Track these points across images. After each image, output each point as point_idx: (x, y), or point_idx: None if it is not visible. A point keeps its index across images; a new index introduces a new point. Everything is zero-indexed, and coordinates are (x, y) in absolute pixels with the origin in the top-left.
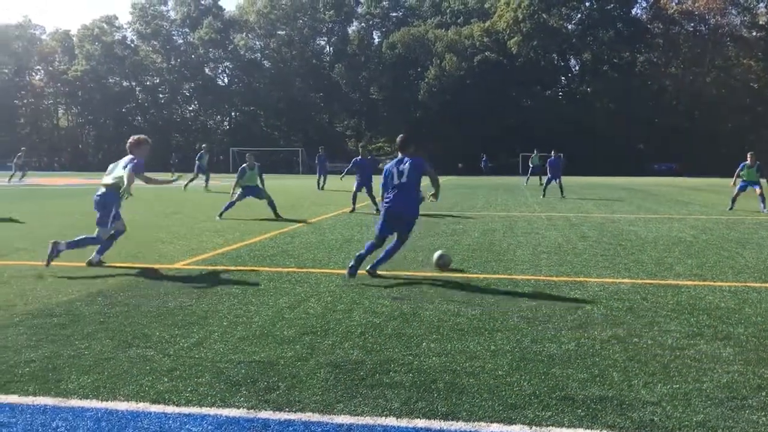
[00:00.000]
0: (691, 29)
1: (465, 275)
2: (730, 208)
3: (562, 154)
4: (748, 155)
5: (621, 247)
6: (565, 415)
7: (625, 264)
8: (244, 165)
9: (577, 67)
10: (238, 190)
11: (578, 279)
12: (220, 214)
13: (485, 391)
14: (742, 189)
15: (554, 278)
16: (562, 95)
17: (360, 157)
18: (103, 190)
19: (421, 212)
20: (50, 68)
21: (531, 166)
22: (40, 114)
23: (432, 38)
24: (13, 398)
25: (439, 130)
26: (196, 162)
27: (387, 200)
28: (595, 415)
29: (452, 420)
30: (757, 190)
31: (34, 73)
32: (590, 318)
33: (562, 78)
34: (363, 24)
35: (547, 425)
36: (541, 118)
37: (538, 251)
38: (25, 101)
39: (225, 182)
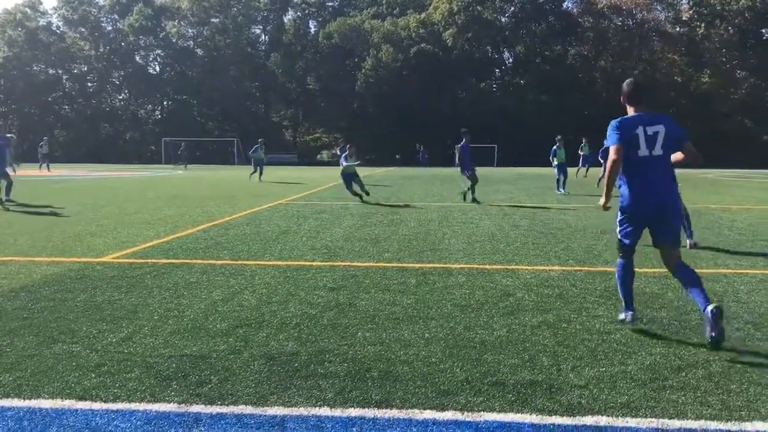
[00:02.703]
0: (620, 23)
1: (401, 264)
2: None
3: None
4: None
5: (551, 236)
6: (496, 400)
7: (555, 252)
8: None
9: (510, 60)
10: None
11: (510, 267)
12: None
13: (419, 378)
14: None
15: (487, 266)
16: (496, 87)
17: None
18: None
19: (356, 202)
20: None
21: (581, 155)
22: None
23: (368, 29)
24: None
25: (376, 121)
26: (251, 155)
27: (636, 188)
28: (525, 399)
29: (386, 408)
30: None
31: None
32: (521, 305)
33: (496, 70)
34: (299, 13)
35: (479, 410)
36: (475, 109)
37: (472, 240)
38: None
39: (158, 173)
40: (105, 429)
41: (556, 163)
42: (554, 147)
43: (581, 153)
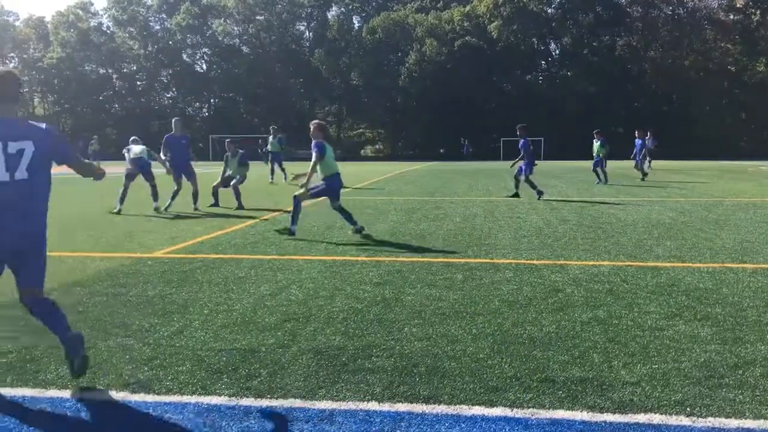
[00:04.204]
0: (670, 12)
1: (447, 260)
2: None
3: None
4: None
5: (601, 230)
6: (546, 396)
7: (605, 247)
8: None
9: (557, 52)
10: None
11: (559, 262)
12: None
13: (467, 374)
14: None
15: (535, 262)
16: (542, 79)
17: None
18: None
19: (401, 197)
20: (25, 56)
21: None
22: None
23: (412, 23)
24: None
25: (420, 115)
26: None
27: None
28: (575, 396)
29: (434, 403)
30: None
31: (8, 61)
32: (571, 300)
33: (542, 62)
34: (342, 9)
35: (528, 407)
36: (521, 102)
37: (519, 235)
38: None
39: (206, 170)
40: (158, 421)
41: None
42: (594, 141)
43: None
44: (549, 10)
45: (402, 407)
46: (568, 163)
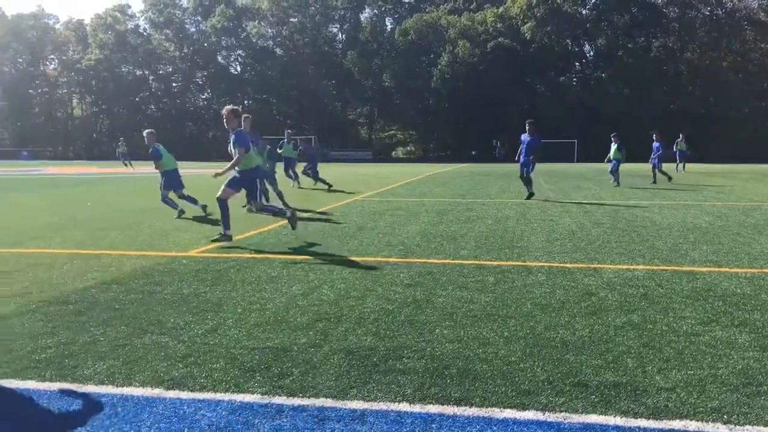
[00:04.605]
0: (708, 13)
1: (478, 262)
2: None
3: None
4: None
5: (635, 234)
6: (579, 401)
7: (639, 250)
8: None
9: (591, 53)
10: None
11: (592, 265)
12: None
13: (498, 377)
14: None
15: (568, 265)
16: (576, 81)
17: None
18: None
19: (432, 199)
20: (64, 57)
21: (677, 151)
22: (54, 103)
23: (445, 24)
24: (30, 384)
25: (452, 117)
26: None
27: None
28: (608, 401)
29: (465, 405)
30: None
31: (48, 63)
32: (604, 304)
33: (576, 63)
34: (375, 11)
35: (561, 411)
36: (554, 103)
37: (551, 238)
38: (39, 90)
39: None
40: (192, 418)
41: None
42: (612, 143)
43: (677, 149)
44: (583, 11)
45: (433, 409)
46: (602, 165)
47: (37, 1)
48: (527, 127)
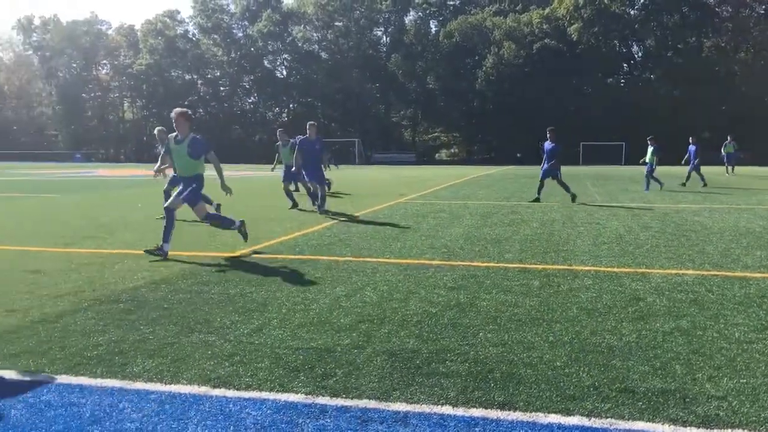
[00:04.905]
0: (763, 12)
1: (523, 265)
2: None
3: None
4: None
5: (685, 238)
6: (626, 407)
7: (689, 255)
8: (277, 143)
9: (639, 53)
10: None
11: (640, 270)
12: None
13: (543, 381)
14: None
15: (615, 269)
16: (624, 82)
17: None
18: None
19: (476, 202)
20: (116, 62)
21: (724, 154)
22: (106, 107)
23: (490, 26)
24: (82, 380)
25: (497, 119)
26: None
27: None
28: (656, 408)
29: (509, 410)
30: None
31: (100, 68)
32: (652, 310)
33: (624, 64)
34: (420, 13)
35: (607, 417)
36: (602, 105)
37: (598, 242)
38: (92, 95)
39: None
40: (238, 416)
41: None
42: (648, 146)
43: (724, 152)
44: (632, 12)
45: (476, 412)
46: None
47: (91, 8)
48: (548, 135)
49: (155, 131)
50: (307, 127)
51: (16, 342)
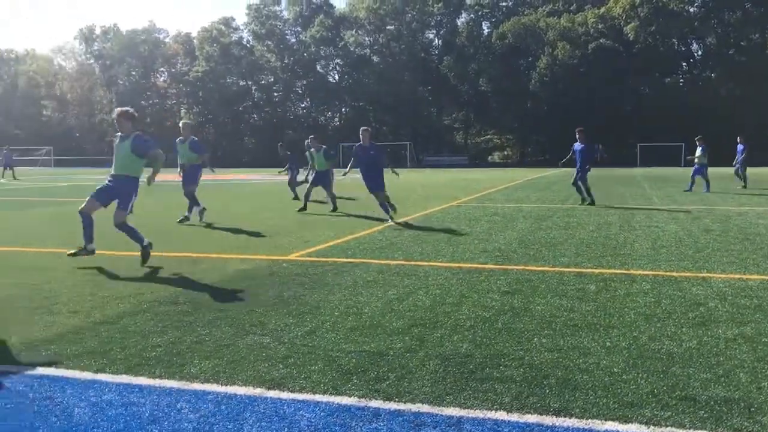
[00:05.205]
0: None
1: (579, 269)
2: None
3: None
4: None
5: (749, 242)
6: (686, 415)
7: (753, 259)
8: (311, 149)
9: (699, 52)
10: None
11: (701, 274)
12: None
13: (599, 388)
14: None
15: (674, 273)
16: (684, 82)
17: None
18: None
19: (530, 205)
20: (173, 70)
21: None
22: (164, 113)
23: (543, 27)
24: (142, 380)
25: (551, 120)
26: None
27: None
28: (719, 417)
29: (565, 416)
30: None
31: (158, 75)
32: (714, 315)
33: (683, 63)
34: (472, 15)
35: (667, 425)
36: (660, 105)
37: (657, 245)
38: (150, 102)
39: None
40: (292, 418)
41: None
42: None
43: None
44: (691, 9)
45: (531, 418)
46: (712, 169)
47: (149, 17)
48: (578, 136)
49: (180, 124)
50: (361, 132)
51: (78, 342)
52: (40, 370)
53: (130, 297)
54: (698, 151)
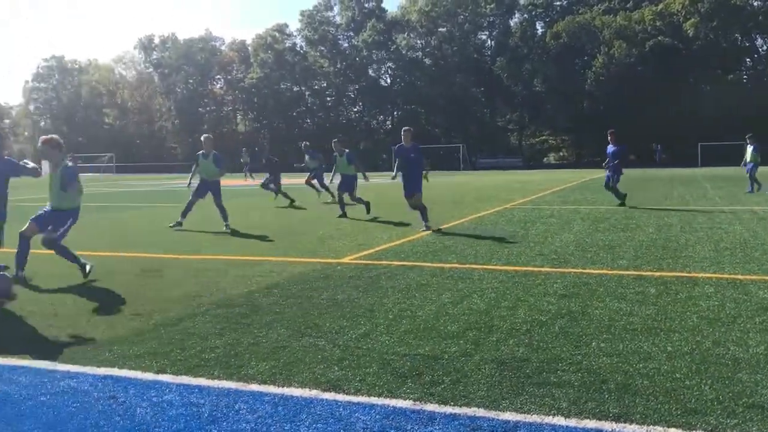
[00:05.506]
0: None
1: (638, 272)
2: None
3: None
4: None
5: None
6: (754, 423)
7: None
8: (334, 153)
9: (764, 47)
10: (336, 181)
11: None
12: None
13: (661, 393)
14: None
15: (739, 276)
16: (747, 78)
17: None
18: None
19: (587, 206)
20: (229, 77)
21: None
22: (221, 120)
23: (599, 25)
24: (201, 381)
25: (608, 120)
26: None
27: None
28: None
29: (624, 422)
30: None
31: (215, 82)
32: None
33: (747, 59)
34: (525, 15)
35: None
36: (722, 104)
37: (720, 247)
38: (207, 108)
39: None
40: (348, 420)
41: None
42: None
43: None
44: (755, 3)
45: (590, 424)
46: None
47: (205, 25)
48: (609, 138)
49: (202, 138)
50: (402, 132)
51: (140, 344)
52: (104, 370)
53: (189, 299)
54: (749, 150)
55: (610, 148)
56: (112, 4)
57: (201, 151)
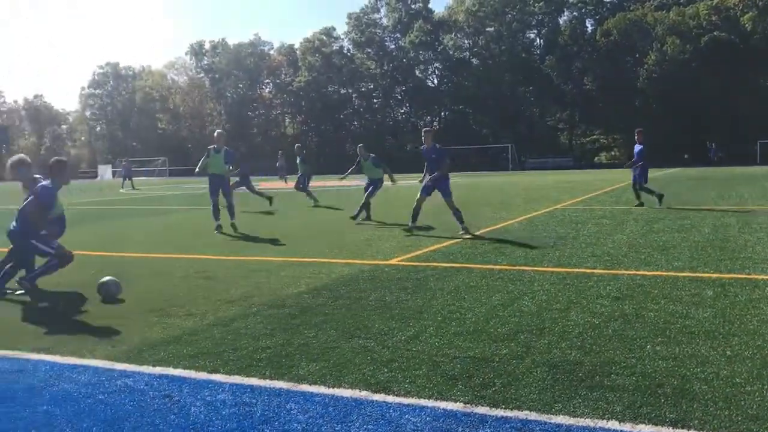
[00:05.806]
0: None
1: (694, 274)
2: None
3: None
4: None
5: None
6: None
7: None
8: (359, 158)
9: None
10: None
11: None
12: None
13: (720, 399)
14: None
15: None
16: None
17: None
18: None
19: (649, 207)
20: (277, 81)
21: None
22: (269, 123)
23: (651, 21)
24: (253, 381)
25: (661, 118)
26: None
27: None
28: None
29: (682, 428)
30: None
31: (263, 86)
32: None
33: None
34: (575, 13)
35: None
36: None
37: None
38: (256, 112)
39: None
40: (398, 422)
41: None
42: None
43: None
44: None
45: (646, 429)
46: None
47: (254, 30)
48: (637, 137)
49: (215, 133)
50: (423, 133)
51: (194, 344)
52: (160, 370)
53: (240, 300)
54: None
55: (637, 147)
56: (165, 12)
57: (213, 146)
